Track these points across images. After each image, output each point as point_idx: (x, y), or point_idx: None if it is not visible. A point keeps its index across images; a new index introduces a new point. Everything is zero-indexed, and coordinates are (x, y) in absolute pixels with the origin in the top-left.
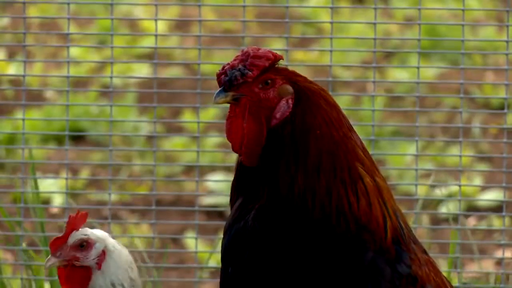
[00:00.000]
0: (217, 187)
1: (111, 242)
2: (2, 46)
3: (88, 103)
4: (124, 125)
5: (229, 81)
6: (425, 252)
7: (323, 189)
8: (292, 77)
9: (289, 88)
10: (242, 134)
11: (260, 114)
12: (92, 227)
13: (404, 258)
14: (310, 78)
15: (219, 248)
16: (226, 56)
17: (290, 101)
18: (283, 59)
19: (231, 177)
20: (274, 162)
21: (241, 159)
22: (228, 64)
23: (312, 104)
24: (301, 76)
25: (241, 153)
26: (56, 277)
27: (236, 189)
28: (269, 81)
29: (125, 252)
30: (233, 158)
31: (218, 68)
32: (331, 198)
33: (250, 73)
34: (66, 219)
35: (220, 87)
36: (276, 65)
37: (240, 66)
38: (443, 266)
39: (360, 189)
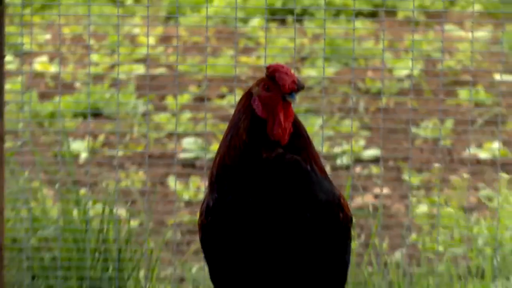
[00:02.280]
0: (189, 147)
1: None
2: (46, 53)
3: (103, 91)
4: (127, 105)
5: (301, 88)
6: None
7: (314, 152)
8: None
9: None
10: (287, 123)
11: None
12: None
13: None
14: (251, 75)
15: (191, 187)
16: (195, 60)
17: None
18: None
19: (199, 139)
20: (295, 135)
21: (281, 139)
22: (291, 76)
23: None
24: None
25: (283, 135)
26: None
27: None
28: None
29: None
30: (198, 127)
31: (190, 69)
32: (316, 155)
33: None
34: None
35: (294, 92)
36: None
37: (299, 79)
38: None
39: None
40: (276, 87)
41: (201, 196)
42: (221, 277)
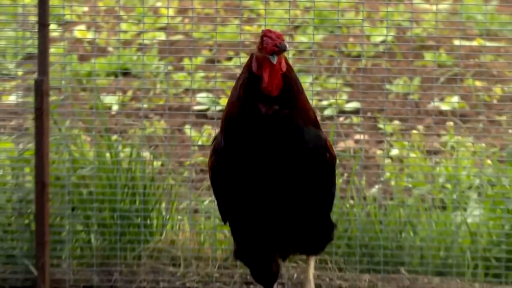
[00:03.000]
0: (202, 100)
1: None
2: (84, 23)
3: (131, 54)
4: (151, 66)
5: (281, 50)
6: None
7: (305, 105)
8: None
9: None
10: (275, 79)
11: (280, 68)
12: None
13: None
14: (253, 41)
15: (203, 134)
16: (207, 28)
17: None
18: None
19: (210, 94)
20: (287, 90)
21: (271, 92)
22: (275, 40)
23: (287, 62)
24: None
25: (276, 88)
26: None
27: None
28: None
29: None
30: (209, 84)
31: (203, 36)
32: (307, 107)
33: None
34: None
35: (275, 53)
36: None
37: (282, 42)
38: None
39: (308, 102)
40: (263, 48)
41: None
42: (226, 210)
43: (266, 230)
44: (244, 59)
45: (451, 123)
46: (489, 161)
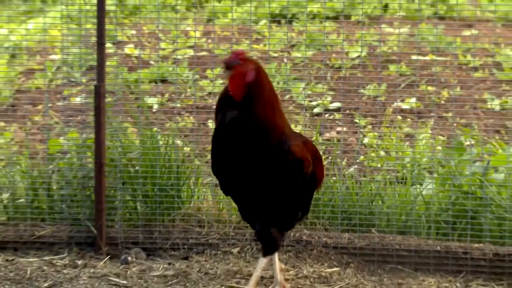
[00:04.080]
0: None
1: None
2: (132, 42)
3: (167, 66)
4: (182, 75)
5: (231, 66)
6: (303, 141)
7: (267, 113)
8: (254, 62)
9: (253, 66)
10: (237, 87)
11: (242, 77)
12: None
13: (287, 141)
14: (259, 56)
15: None
16: (225, 46)
17: (254, 72)
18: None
19: None
20: (248, 98)
21: (235, 97)
22: (229, 58)
23: (262, 73)
24: (257, 61)
25: (237, 95)
26: None
27: (221, 106)
28: (246, 63)
29: None
30: None
31: (222, 52)
32: (270, 117)
33: (239, 62)
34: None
35: (227, 68)
36: (247, 57)
37: (234, 58)
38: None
39: (279, 113)
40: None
41: None
42: (221, 184)
43: (245, 202)
44: None
45: (410, 119)
46: (439, 147)
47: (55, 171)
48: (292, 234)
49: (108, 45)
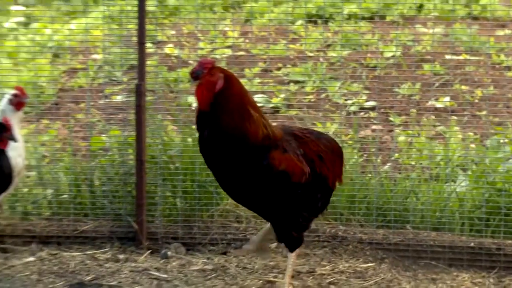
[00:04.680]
0: (258, 100)
1: None
2: (171, 42)
3: None
4: None
5: (196, 75)
6: (285, 151)
7: (236, 121)
8: (222, 70)
9: (221, 75)
10: (202, 96)
11: (210, 86)
12: None
13: (267, 151)
14: (295, 56)
15: None
16: (262, 46)
17: (222, 80)
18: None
19: (265, 95)
20: (215, 108)
21: (201, 108)
22: (195, 68)
23: (231, 82)
24: (226, 69)
25: (202, 105)
26: None
27: (198, 122)
28: (212, 72)
29: None
30: (264, 88)
31: (259, 52)
32: (238, 125)
33: (205, 71)
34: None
35: (193, 79)
36: (215, 65)
37: (199, 68)
38: None
39: (251, 121)
40: None
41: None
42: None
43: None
44: (288, 69)
45: (444, 117)
46: (472, 145)
47: (97, 167)
48: (328, 230)
49: (148, 44)
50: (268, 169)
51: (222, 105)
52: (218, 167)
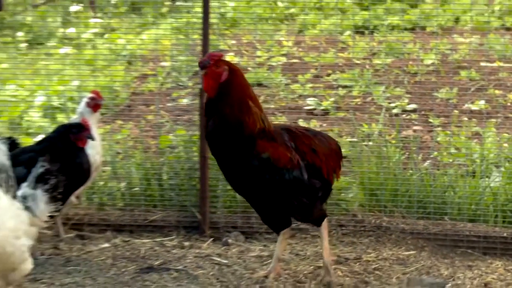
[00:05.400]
0: (310, 102)
1: None
2: (232, 51)
3: (263, 72)
4: (276, 79)
5: (204, 65)
6: (272, 140)
7: (235, 112)
8: (227, 63)
9: (226, 67)
10: (208, 84)
11: (215, 77)
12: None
13: (255, 140)
14: (344, 63)
15: (311, 126)
16: (314, 54)
17: (226, 72)
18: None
19: (316, 98)
20: (220, 97)
21: (208, 95)
22: (203, 58)
23: (235, 75)
24: (231, 63)
25: (208, 92)
26: None
27: (206, 109)
28: (218, 64)
29: None
30: (315, 91)
31: (311, 59)
32: (238, 116)
33: (211, 62)
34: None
35: (201, 68)
36: (222, 58)
37: (207, 59)
38: None
39: (250, 113)
40: None
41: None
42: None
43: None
44: (337, 75)
45: (480, 119)
46: (505, 145)
47: (165, 163)
48: (373, 221)
49: None
50: (254, 156)
51: (225, 95)
52: (218, 155)
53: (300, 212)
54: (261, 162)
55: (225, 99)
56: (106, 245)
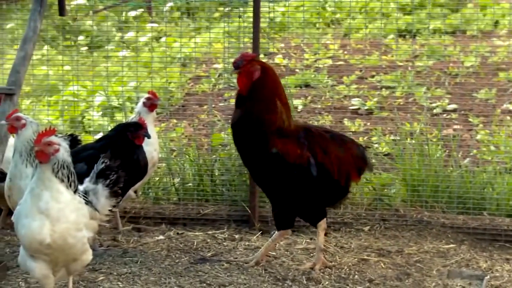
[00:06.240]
0: (355, 103)
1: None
2: (280, 53)
3: (310, 73)
4: (322, 81)
5: (237, 65)
6: (285, 136)
7: (260, 110)
8: (260, 62)
9: (259, 66)
10: (242, 83)
11: (249, 75)
12: None
13: (272, 137)
14: (388, 65)
15: (355, 124)
16: (358, 56)
17: (258, 71)
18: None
19: (360, 99)
20: (251, 94)
21: (241, 92)
22: (236, 58)
23: (267, 73)
24: (264, 62)
25: (242, 90)
26: None
27: (236, 102)
28: (252, 64)
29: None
30: (360, 92)
31: (356, 61)
32: (261, 113)
33: (245, 62)
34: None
35: (234, 68)
36: (255, 58)
37: (240, 60)
38: None
39: (274, 112)
40: None
41: (362, 130)
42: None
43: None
44: (381, 77)
45: None
46: None
47: (217, 160)
48: (414, 216)
49: (261, 56)
50: (266, 150)
51: (256, 92)
52: (238, 146)
53: (300, 208)
54: (271, 156)
55: (255, 95)
56: (161, 237)
